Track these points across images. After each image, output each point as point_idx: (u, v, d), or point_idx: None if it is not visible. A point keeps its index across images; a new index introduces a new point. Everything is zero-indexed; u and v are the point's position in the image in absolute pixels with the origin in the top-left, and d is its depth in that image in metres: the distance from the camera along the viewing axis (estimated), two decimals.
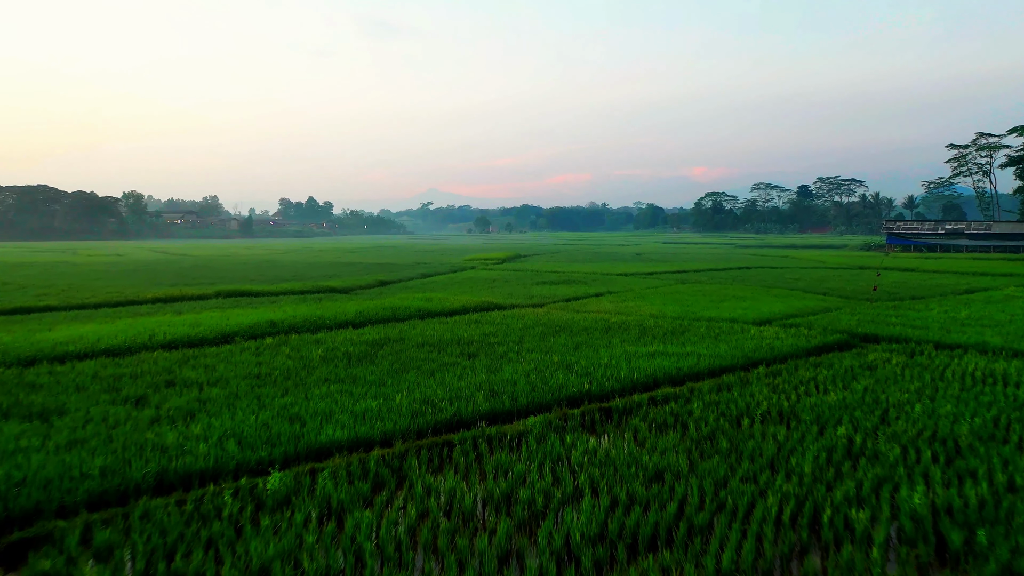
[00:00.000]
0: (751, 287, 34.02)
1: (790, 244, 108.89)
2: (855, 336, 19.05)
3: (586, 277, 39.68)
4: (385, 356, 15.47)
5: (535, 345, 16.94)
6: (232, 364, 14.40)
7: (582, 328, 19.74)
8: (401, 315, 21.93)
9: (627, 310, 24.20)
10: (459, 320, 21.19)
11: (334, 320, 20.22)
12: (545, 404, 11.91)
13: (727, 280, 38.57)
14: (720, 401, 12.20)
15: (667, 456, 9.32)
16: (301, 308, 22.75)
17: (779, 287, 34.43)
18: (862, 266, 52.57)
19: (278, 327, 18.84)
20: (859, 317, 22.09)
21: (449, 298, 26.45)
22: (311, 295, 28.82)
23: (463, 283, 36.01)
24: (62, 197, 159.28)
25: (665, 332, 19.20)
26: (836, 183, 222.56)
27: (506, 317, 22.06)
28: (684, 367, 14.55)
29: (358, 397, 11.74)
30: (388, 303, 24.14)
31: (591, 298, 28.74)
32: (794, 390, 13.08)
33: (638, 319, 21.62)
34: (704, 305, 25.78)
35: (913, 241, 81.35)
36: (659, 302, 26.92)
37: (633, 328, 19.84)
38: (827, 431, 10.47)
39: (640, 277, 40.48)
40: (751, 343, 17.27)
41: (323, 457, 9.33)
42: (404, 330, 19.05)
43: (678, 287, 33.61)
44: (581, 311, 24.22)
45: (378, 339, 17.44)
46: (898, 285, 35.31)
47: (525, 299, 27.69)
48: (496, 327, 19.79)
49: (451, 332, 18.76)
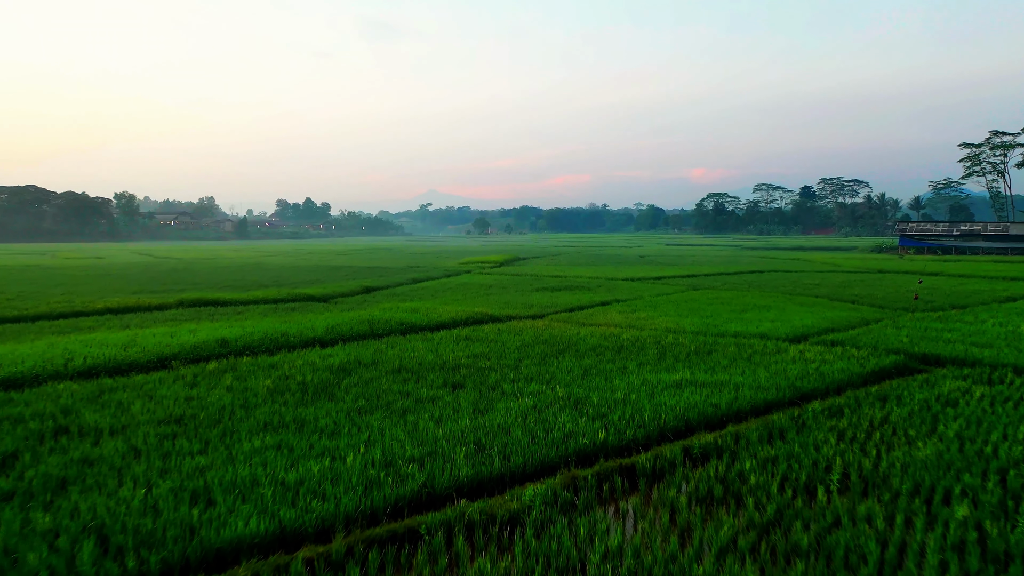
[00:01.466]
0: (771, 294, 31.09)
1: (797, 246, 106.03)
2: (912, 356, 16.12)
3: (589, 282, 36.75)
4: (349, 388, 12.52)
5: (535, 371, 14.00)
6: (154, 401, 11.45)
7: (590, 347, 16.81)
8: (380, 330, 18.99)
9: (640, 323, 21.27)
10: (446, 336, 18.25)
11: (299, 337, 17.28)
12: (548, 463, 8.98)
13: (742, 286, 35.66)
14: (777, 456, 9.27)
15: (727, 565, 6.38)
16: (265, 322, 19.81)
17: (801, 294, 31.51)
18: (881, 270, 49.67)
19: (230, 347, 15.89)
20: (908, 332, 19.17)
21: (438, 308, 23.51)
22: (285, 304, 25.88)
23: (456, 289, 33.07)
24: (52, 198, 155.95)
25: (688, 352, 16.27)
26: (839, 184, 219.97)
27: (501, 332, 19.13)
28: (721, 403, 11.62)
29: (298, 456, 8.79)
30: (368, 315, 21.19)
31: (597, 307, 25.80)
32: (868, 438, 10.15)
33: (654, 335, 18.69)
34: (725, 316, 22.86)
35: (927, 243, 78.41)
36: (674, 312, 24.00)
37: (649, 347, 16.91)
38: (940, 513, 7.53)
39: (648, 282, 37.54)
40: (794, 368, 14.33)
41: (222, 566, 6.39)
42: (380, 350, 16.10)
43: (691, 294, 30.68)
44: (587, 323, 21.29)
45: (346, 362, 14.49)
46: (930, 291, 32.37)
47: (523, 309, 24.75)
48: (489, 346, 16.86)
49: (435, 353, 15.82)
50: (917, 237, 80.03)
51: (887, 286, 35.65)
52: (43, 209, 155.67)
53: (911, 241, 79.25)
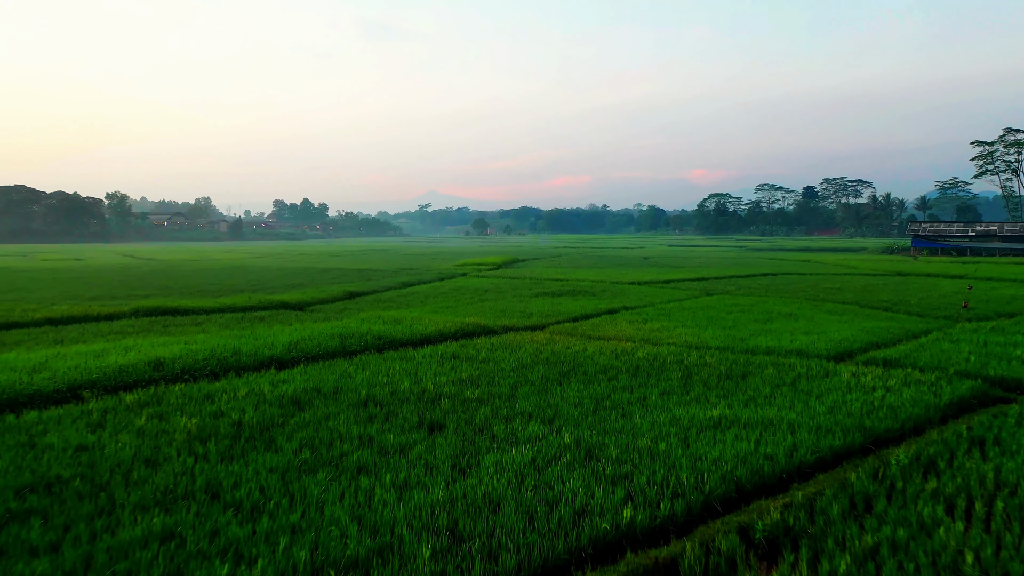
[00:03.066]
0: (794, 300, 28.35)
1: (804, 247, 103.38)
2: (990, 381, 13.38)
3: (593, 287, 33.99)
4: (296, 430, 9.77)
5: (534, 404, 11.25)
6: (32, 452, 8.70)
7: (600, 368, 14.06)
8: (353, 345, 16.23)
9: (655, 335, 18.52)
10: (430, 354, 15.50)
11: (253, 356, 14.52)
12: (552, 563, 6.23)
13: (758, 290, 32.92)
14: (879, 547, 6.52)
15: None
16: (220, 336, 17.06)
17: (825, 300, 28.77)
18: (900, 272, 46.93)
19: (164, 370, 13.13)
20: (968, 348, 16.44)
21: (424, 318, 20.76)
22: (254, 313, 23.11)
23: (448, 295, 30.32)
24: (42, 198, 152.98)
25: (719, 376, 13.53)
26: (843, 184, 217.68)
27: (495, 348, 16.39)
28: (778, 454, 8.87)
29: (188, 556, 6.02)
30: (342, 327, 18.44)
31: (604, 316, 23.05)
32: (989, 512, 7.41)
33: (673, 351, 15.94)
34: (751, 328, 20.12)
35: (941, 244, 75.64)
36: (691, 322, 21.25)
37: (671, 368, 14.17)
38: None
39: (657, 286, 34.78)
40: (854, 399, 11.59)
41: None
42: (348, 374, 13.35)
43: (706, 300, 27.93)
44: (594, 336, 18.55)
45: (301, 392, 11.74)
46: (965, 297, 29.63)
47: (521, 318, 22.01)
48: (479, 367, 14.11)
49: (413, 377, 13.07)
50: (930, 238, 77.25)
51: (916, 290, 32.92)
52: (33, 209, 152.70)
53: (924, 242, 76.50)
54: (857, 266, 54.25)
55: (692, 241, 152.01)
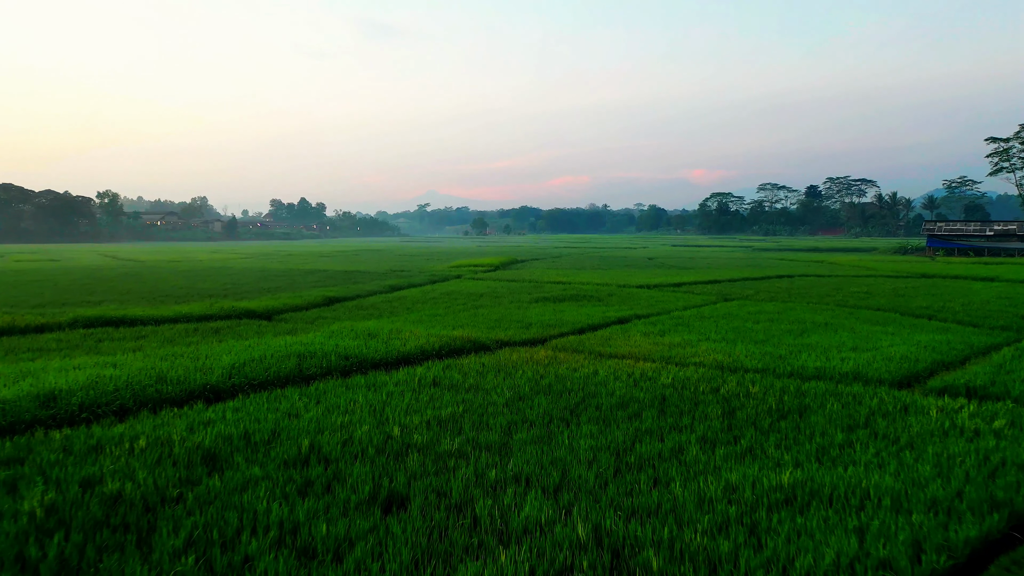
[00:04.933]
0: (823, 307, 25.40)
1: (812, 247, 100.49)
2: None
3: (598, 291, 31.03)
4: (191, 513, 6.80)
5: (534, 462, 8.29)
6: None
7: (617, 401, 11.11)
8: (312, 367, 13.26)
9: (678, 352, 15.56)
10: (406, 379, 12.55)
11: (183, 384, 11.55)
12: None
13: (779, 294, 29.98)
14: None
15: None
16: (152, 356, 14.07)
17: (856, 306, 25.84)
18: (924, 274, 44.01)
19: (57, 407, 10.15)
20: None
21: (406, 330, 17.80)
22: (211, 323, 20.11)
23: (439, 300, 27.36)
24: (31, 197, 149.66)
25: (771, 413, 10.58)
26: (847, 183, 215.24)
27: (486, 370, 13.44)
28: (898, 558, 5.91)
29: None
30: (305, 342, 15.48)
31: (614, 327, 20.09)
32: None
33: (705, 375, 12.98)
34: (787, 342, 17.19)
35: (958, 244, 72.63)
36: (716, 334, 18.31)
37: (707, 399, 11.22)
38: None
39: (668, 290, 31.82)
40: (964, 453, 8.63)
41: None
42: (294, 410, 10.40)
43: (726, 307, 24.98)
44: (605, 354, 15.60)
45: (223, 441, 8.78)
46: (1010, 303, 26.69)
47: (519, 330, 19.06)
48: (464, 400, 11.16)
49: (377, 416, 10.12)
50: (946, 237, 74.26)
51: (951, 294, 29.97)
52: (22, 209, 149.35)
53: (940, 242, 73.54)
54: (875, 267, 51.32)
55: (695, 241, 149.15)
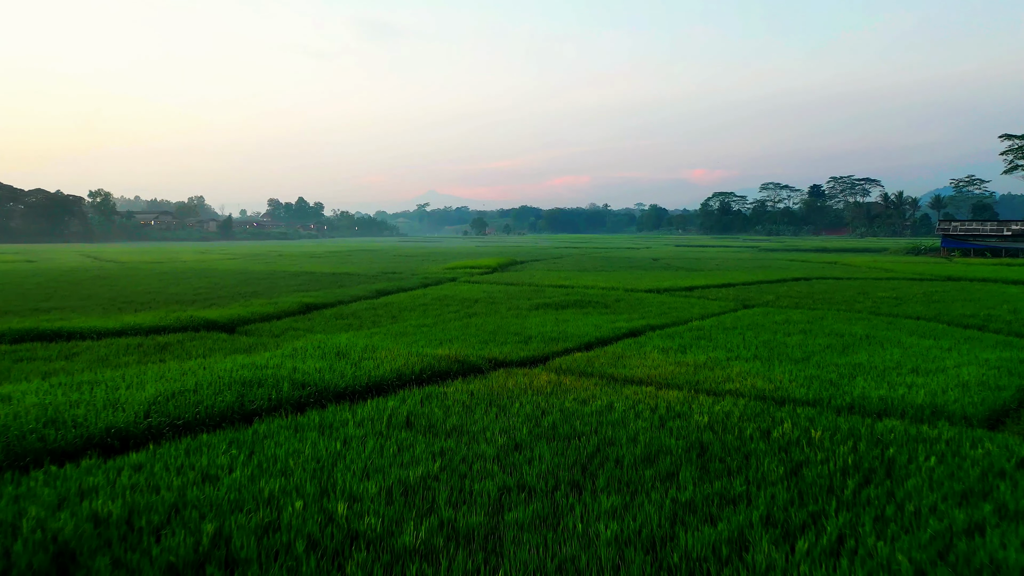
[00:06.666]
0: (857, 315, 22.75)
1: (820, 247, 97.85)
2: None
3: (604, 296, 28.41)
4: None
5: (532, 567, 5.64)
6: None
7: (643, 452, 8.47)
8: (257, 401, 10.60)
9: (706, 376, 12.92)
10: (372, 418, 9.91)
11: (78, 429, 8.90)
12: None
13: (803, 300, 27.34)
14: None
15: None
16: (67, 383, 11.42)
17: (896, 315, 23.21)
18: (949, 276, 41.37)
19: None
20: None
21: (382, 348, 15.15)
22: (160, 336, 17.43)
23: (429, 307, 24.72)
24: (21, 196, 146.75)
25: (846, 470, 7.95)
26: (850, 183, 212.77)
27: (474, 403, 10.80)
28: None
29: None
30: (259, 363, 12.82)
31: (626, 340, 17.45)
32: None
33: (748, 411, 10.34)
34: (833, 361, 14.56)
35: (974, 244, 70.00)
36: (746, 351, 15.67)
37: (759, 449, 8.58)
38: None
39: (680, 295, 29.17)
40: None
41: None
42: (211, 472, 7.76)
43: (748, 316, 22.33)
44: (619, 378, 12.98)
45: (86, 532, 6.12)
46: None
47: (517, 345, 16.43)
48: (442, 449, 8.52)
49: (321, 484, 7.46)
50: (961, 238, 71.65)
51: (991, 300, 27.35)
52: (12, 208, 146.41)
53: (955, 242, 70.94)
54: (894, 269, 48.68)
55: (698, 241, 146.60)
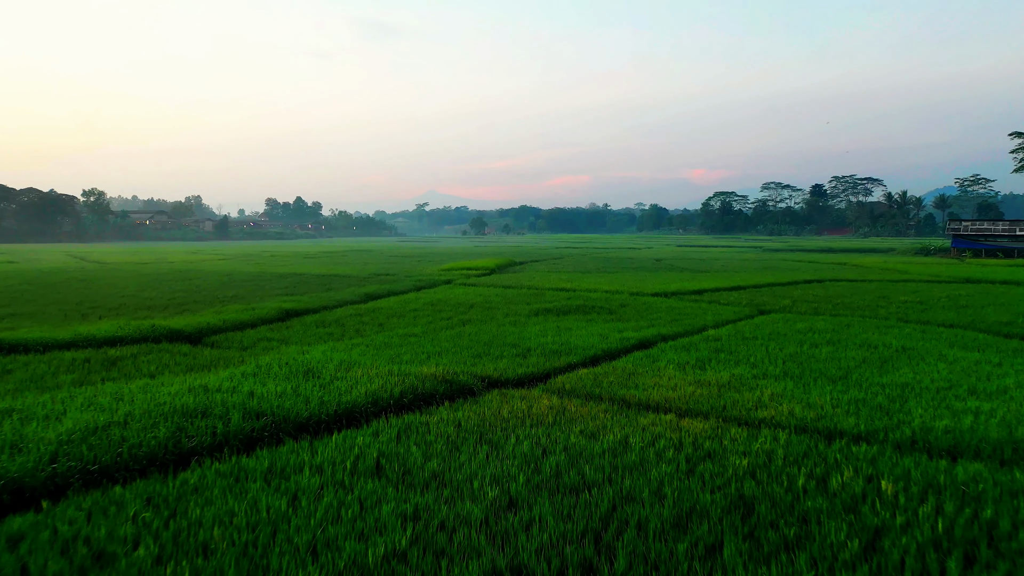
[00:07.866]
0: (885, 323, 20.87)
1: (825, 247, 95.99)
2: None
3: (608, 300, 26.52)
4: None
5: None
6: None
7: (672, 514, 6.57)
8: (194, 439, 8.71)
9: (734, 400, 11.03)
10: (333, 464, 8.03)
11: None
12: None
13: (822, 305, 25.45)
14: None
15: None
16: None
17: (925, 322, 21.34)
18: (968, 278, 39.51)
19: None
20: None
21: (361, 363, 13.26)
22: (113, 350, 15.51)
23: (419, 313, 22.84)
24: (13, 195, 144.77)
25: (938, 545, 6.04)
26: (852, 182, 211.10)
27: (461, 438, 8.91)
28: None
29: None
30: (209, 386, 10.93)
31: (636, 353, 15.55)
32: None
33: (795, 453, 8.46)
34: (871, 379, 12.67)
35: (985, 245, 68.20)
36: (773, 367, 13.77)
37: (822, 511, 6.67)
38: None
39: (689, 299, 27.29)
40: None
41: None
42: (100, 554, 5.85)
43: (768, 324, 20.44)
44: (632, 401, 11.11)
45: None
46: None
47: (513, 359, 14.55)
48: (416, 508, 6.62)
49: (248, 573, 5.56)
50: (972, 238, 69.89)
51: (1022, 305, 25.49)
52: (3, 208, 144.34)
53: (966, 242, 69.18)
54: (907, 270, 46.82)
55: (700, 241, 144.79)
